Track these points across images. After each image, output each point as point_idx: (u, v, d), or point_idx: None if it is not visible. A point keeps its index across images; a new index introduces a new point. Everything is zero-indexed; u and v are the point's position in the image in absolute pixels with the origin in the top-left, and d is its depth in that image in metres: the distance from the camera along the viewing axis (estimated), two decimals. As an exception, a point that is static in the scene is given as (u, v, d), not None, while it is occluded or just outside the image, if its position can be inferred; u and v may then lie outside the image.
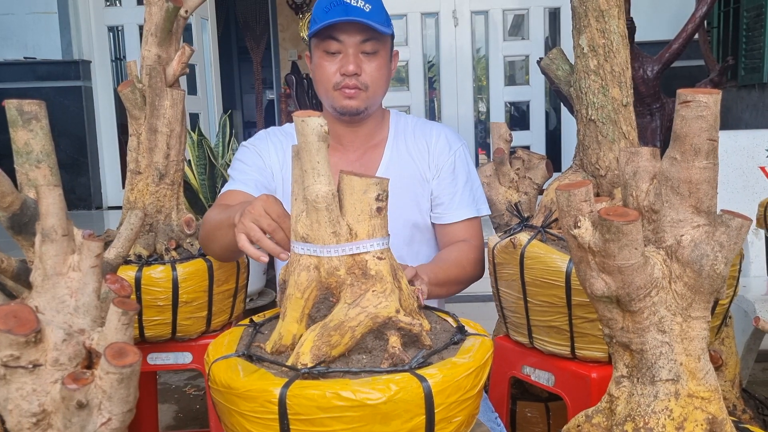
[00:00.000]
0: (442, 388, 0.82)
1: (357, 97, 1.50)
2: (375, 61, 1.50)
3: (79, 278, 0.79)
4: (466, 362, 0.87)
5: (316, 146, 0.84)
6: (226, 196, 1.53)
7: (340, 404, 0.77)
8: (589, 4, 1.30)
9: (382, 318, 0.87)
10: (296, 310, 0.89)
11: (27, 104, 1.06)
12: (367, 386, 0.79)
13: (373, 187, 0.88)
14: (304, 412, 0.78)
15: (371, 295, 0.87)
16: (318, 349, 0.83)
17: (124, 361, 0.71)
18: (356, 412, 0.78)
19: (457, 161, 1.62)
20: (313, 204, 0.86)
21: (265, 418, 0.80)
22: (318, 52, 1.51)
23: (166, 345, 1.64)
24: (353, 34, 1.47)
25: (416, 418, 0.81)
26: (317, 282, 0.89)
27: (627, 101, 1.33)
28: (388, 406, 0.78)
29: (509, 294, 1.39)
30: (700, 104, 0.82)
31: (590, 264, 0.86)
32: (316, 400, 0.78)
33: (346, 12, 1.45)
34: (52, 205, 0.78)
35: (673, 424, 0.85)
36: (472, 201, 1.62)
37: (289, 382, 0.80)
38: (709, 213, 0.86)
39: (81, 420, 0.71)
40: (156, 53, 1.62)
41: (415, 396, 0.80)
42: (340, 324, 0.85)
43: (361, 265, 0.89)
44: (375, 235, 0.89)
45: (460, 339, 0.95)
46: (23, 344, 0.70)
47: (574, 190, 0.85)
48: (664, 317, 0.86)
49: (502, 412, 1.52)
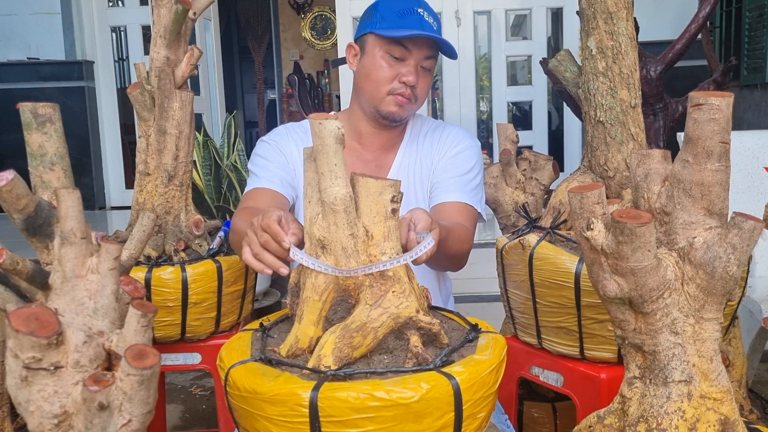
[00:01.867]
0: (468, 385, 0.84)
1: (405, 106, 1.52)
2: (428, 77, 1.55)
3: (98, 280, 0.80)
4: (488, 359, 0.89)
5: (334, 149, 0.85)
6: (251, 195, 1.51)
7: (374, 404, 0.79)
8: (597, 6, 1.31)
9: (404, 318, 0.88)
10: (313, 312, 0.90)
11: (41, 107, 1.07)
12: (399, 386, 0.80)
13: (389, 189, 0.89)
14: (336, 414, 0.79)
15: (392, 295, 0.88)
16: (340, 350, 0.84)
17: (145, 363, 0.72)
18: (389, 412, 0.79)
19: (462, 153, 1.59)
20: (331, 206, 0.87)
21: (295, 421, 0.80)
22: (380, 52, 1.51)
23: (175, 346, 1.65)
24: (422, 48, 1.49)
25: (446, 415, 0.83)
26: (335, 284, 0.90)
27: (635, 103, 1.34)
28: (421, 405, 0.80)
29: (518, 295, 1.40)
30: (712, 107, 0.83)
31: (603, 266, 0.87)
32: (349, 401, 0.79)
33: (421, 25, 1.48)
34: (71, 209, 0.79)
35: (685, 425, 0.85)
36: (469, 191, 1.56)
37: (318, 384, 0.80)
38: (722, 215, 0.87)
39: (102, 421, 0.72)
40: (165, 55, 1.63)
41: (445, 393, 0.82)
42: (362, 325, 0.86)
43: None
44: (389, 237, 0.90)
45: (474, 337, 0.97)
46: (45, 346, 0.71)
47: (587, 192, 0.86)
48: (677, 319, 0.86)
49: (511, 412, 1.52)
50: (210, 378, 2.84)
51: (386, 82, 1.50)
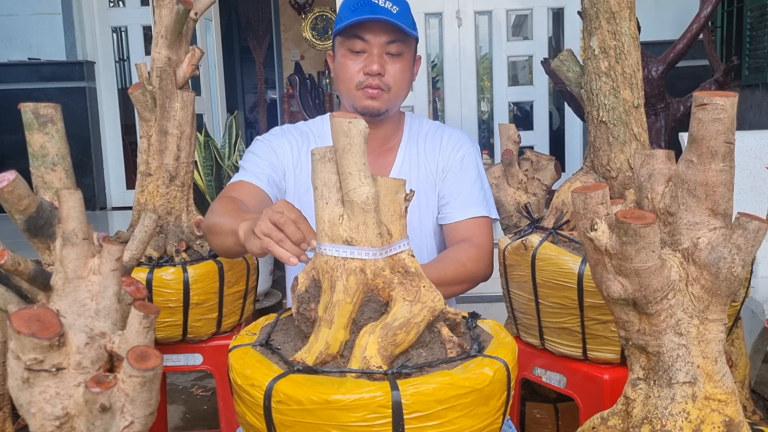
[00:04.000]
0: (512, 365, 0.91)
1: (379, 97, 1.49)
2: (399, 62, 1.50)
3: (100, 281, 0.80)
4: (510, 341, 0.96)
5: (363, 148, 0.85)
6: (236, 186, 1.49)
7: (455, 394, 0.82)
8: (600, 6, 1.31)
9: (438, 311, 0.91)
10: (344, 316, 0.88)
11: (43, 107, 1.07)
12: (472, 372, 0.84)
13: (402, 188, 0.91)
14: (420, 409, 0.80)
15: (425, 290, 0.90)
16: (385, 349, 0.85)
17: (147, 365, 0.71)
18: (467, 399, 0.82)
19: (465, 160, 1.60)
20: (362, 206, 0.86)
21: (376, 424, 0.79)
22: (342, 51, 1.50)
23: (176, 346, 1.65)
24: (379, 34, 1.46)
25: (503, 395, 0.88)
26: (364, 285, 0.89)
27: (638, 103, 1.33)
28: (491, 387, 0.85)
29: (520, 295, 1.40)
30: (716, 107, 0.82)
31: (607, 267, 0.86)
32: (433, 394, 0.81)
33: (374, 11, 1.44)
34: (72, 209, 0.79)
35: (690, 426, 0.85)
36: (481, 200, 1.58)
37: (393, 384, 0.80)
38: (726, 215, 0.86)
39: (104, 423, 0.71)
40: (166, 55, 1.63)
41: (503, 375, 0.88)
42: (406, 322, 0.87)
43: (400, 264, 0.91)
44: (403, 235, 0.92)
45: (474, 325, 1.02)
46: (47, 348, 0.70)
47: (590, 192, 0.86)
48: (681, 320, 0.86)
49: (513, 413, 1.52)
50: (211, 378, 2.83)
51: (353, 77, 1.49)
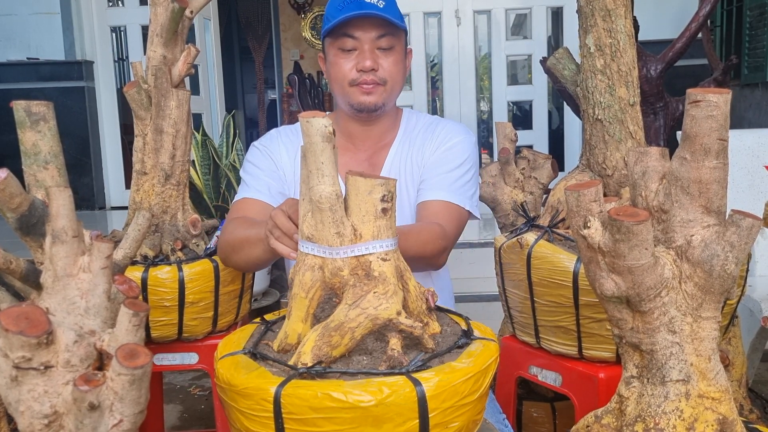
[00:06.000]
0: (437, 392, 0.80)
1: (375, 92, 1.48)
2: (391, 56, 1.49)
3: (90, 279, 0.79)
4: (465, 367, 0.85)
5: (321, 147, 0.85)
6: (241, 206, 1.51)
7: (332, 405, 0.77)
8: (595, 3, 1.30)
9: (382, 320, 0.86)
10: (301, 309, 0.90)
11: (35, 105, 1.06)
12: (359, 388, 0.78)
13: (378, 188, 0.87)
14: (297, 412, 0.78)
15: (372, 296, 0.86)
16: (319, 349, 0.84)
17: (136, 363, 0.71)
18: (348, 414, 0.77)
19: (453, 148, 1.55)
20: (317, 204, 0.87)
21: (262, 416, 0.81)
22: (333, 51, 1.49)
23: (172, 345, 1.64)
24: (368, 30, 1.45)
25: (409, 422, 0.79)
26: (321, 282, 0.89)
27: (634, 101, 1.33)
28: (380, 409, 0.77)
29: (516, 294, 1.39)
30: (710, 104, 0.82)
31: (600, 264, 0.86)
32: (309, 400, 0.78)
33: (360, 7, 1.43)
34: (62, 207, 0.78)
35: (683, 424, 0.85)
36: (456, 189, 1.51)
37: (285, 381, 0.80)
38: (720, 213, 0.86)
39: (93, 421, 0.71)
40: (161, 54, 1.62)
41: (407, 400, 0.79)
42: (340, 324, 0.85)
43: (365, 266, 0.88)
44: (380, 236, 0.89)
45: (465, 343, 0.92)
46: (35, 346, 0.70)
47: (583, 190, 0.85)
48: (675, 317, 0.85)
49: (509, 412, 1.52)
50: (208, 378, 2.83)
51: (346, 75, 1.48)
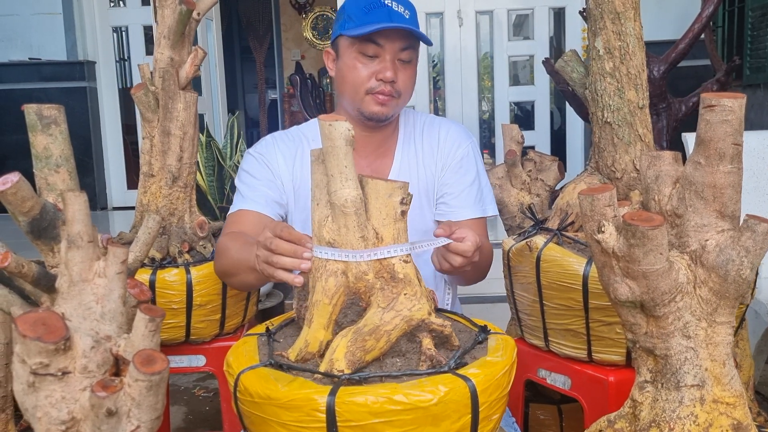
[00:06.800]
0: (484, 386, 0.84)
1: (389, 104, 1.46)
2: (409, 69, 1.47)
3: (105, 284, 0.79)
4: (502, 360, 0.89)
5: (344, 150, 0.85)
6: (236, 218, 1.47)
7: (393, 408, 0.78)
8: (605, 6, 1.30)
9: (416, 321, 0.88)
10: (323, 316, 0.89)
11: (46, 109, 1.06)
12: (417, 389, 0.79)
13: (398, 191, 0.89)
14: (354, 419, 0.78)
15: (404, 298, 0.87)
16: (352, 354, 0.84)
17: (153, 368, 0.71)
18: (408, 415, 0.79)
19: (464, 158, 1.57)
20: (342, 209, 0.86)
21: (312, 426, 0.79)
22: (352, 53, 1.45)
23: (180, 348, 1.64)
24: (394, 41, 1.43)
25: (463, 417, 0.83)
26: (345, 287, 0.89)
27: (643, 103, 1.33)
28: (439, 408, 0.80)
29: (525, 297, 1.39)
30: (725, 108, 0.82)
31: (614, 269, 0.86)
32: (368, 405, 0.78)
33: (390, 17, 1.40)
34: (78, 212, 0.78)
35: (698, 429, 0.85)
36: (478, 200, 1.56)
37: (334, 389, 0.80)
38: (734, 218, 0.86)
39: (110, 428, 0.71)
40: (169, 56, 1.62)
41: (462, 396, 0.82)
42: (375, 328, 0.85)
43: (388, 269, 0.89)
44: (399, 239, 0.90)
45: (483, 338, 0.97)
46: (52, 352, 0.70)
47: (597, 195, 0.85)
48: (689, 322, 0.85)
49: (517, 415, 1.52)
50: (213, 379, 2.83)
51: (363, 82, 1.44)
